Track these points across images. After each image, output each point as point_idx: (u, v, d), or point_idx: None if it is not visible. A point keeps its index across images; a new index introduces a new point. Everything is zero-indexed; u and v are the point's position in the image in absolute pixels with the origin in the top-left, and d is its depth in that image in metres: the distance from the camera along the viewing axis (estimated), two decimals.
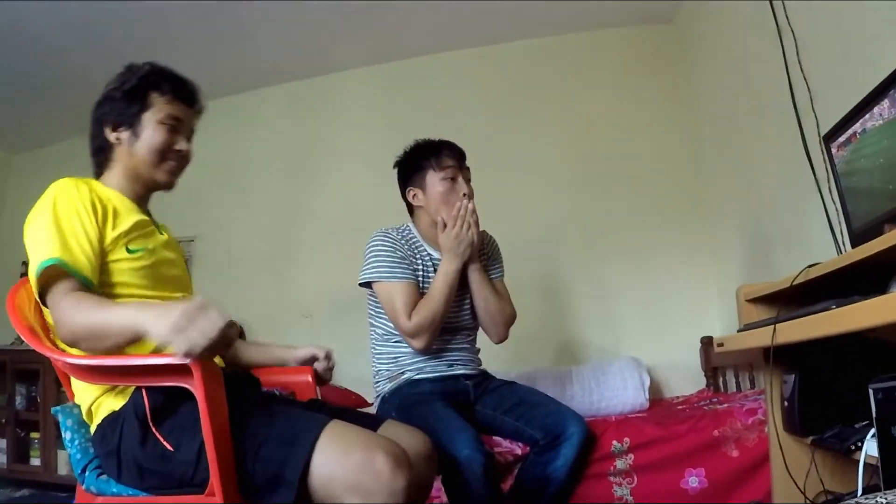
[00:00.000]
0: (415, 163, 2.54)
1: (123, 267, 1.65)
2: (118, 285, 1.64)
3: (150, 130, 1.75)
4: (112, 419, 1.57)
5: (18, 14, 3.63)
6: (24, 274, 1.72)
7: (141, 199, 1.82)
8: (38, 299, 1.56)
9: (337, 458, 1.39)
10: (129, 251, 1.66)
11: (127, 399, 1.57)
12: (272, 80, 4.80)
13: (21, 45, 3.94)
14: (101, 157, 1.80)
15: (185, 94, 1.82)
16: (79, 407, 1.70)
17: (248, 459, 1.42)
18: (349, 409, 1.90)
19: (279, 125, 4.82)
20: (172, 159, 1.80)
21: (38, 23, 3.74)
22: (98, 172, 1.81)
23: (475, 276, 2.51)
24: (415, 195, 2.55)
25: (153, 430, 1.50)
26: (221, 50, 4.29)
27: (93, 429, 1.63)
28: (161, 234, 1.86)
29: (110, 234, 1.64)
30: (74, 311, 1.46)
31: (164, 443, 1.48)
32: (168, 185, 1.83)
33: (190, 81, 1.85)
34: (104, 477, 1.61)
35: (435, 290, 2.40)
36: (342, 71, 4.71)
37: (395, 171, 2.62)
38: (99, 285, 1.58)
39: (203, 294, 2.06)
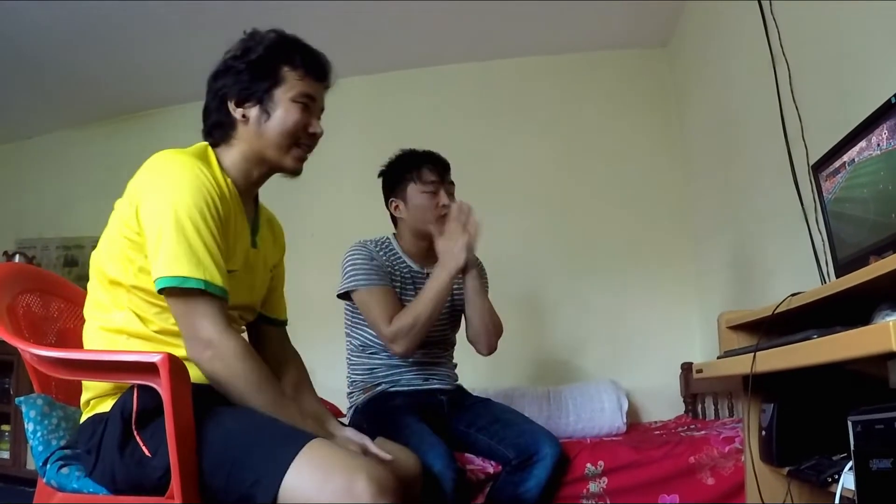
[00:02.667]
0: (397, 174, 2.54)
1: None
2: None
3: (283, 110, 1.63)
4: (101, 417, 1.52)
5: (9, 5, 3.60)
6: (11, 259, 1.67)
7: (255, 184, 1.74)
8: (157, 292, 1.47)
9: (314, 481, 1.29)
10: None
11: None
12: None
13: (10, 35, 3.90)
14: (219, 133, 1.67)
15: (317, 70, 1.69)
16: (43, 398, 1.66)
17: (220, 475, 1.36)
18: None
19: None
20: (305, 142, 1.70)
21: (28, 14, 3.71)
22: (214, 143, 1.68)
23: (472, 284, 2.46)
24: (396, 206, 2.55)
25: (134, 432, 1.44)
26: (212, 52, 4.25)
27: (83, 419, 1.59)
28: (255, 245, 1.76)
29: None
30: (243, 373, 1.46)
31: (143, 447, 1.42)
32: (295, 172, 1.73)
33: (322, 54, 1.72)
34: (65, 471, 1.57)
35: (423, 294, 2.35)
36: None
37: (380, 180, 2.61)
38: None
39: None
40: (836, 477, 1.57)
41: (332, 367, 3.04)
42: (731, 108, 3.35)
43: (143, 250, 1.48)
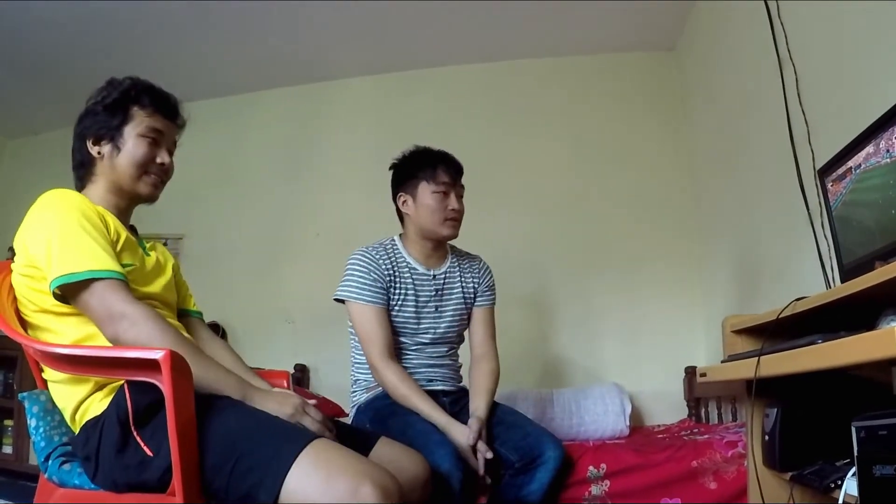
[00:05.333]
0: (410, 170, 2.51)
1: None
2: None
3: (132, 143, 1.75)
4: (94, 423, 1.53)
5: (18, 2, 3.62)
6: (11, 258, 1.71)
7: (123, 213, 1.81)
8: (59, 299, 1.56)
9: (317, 484, 1.28)
10: (121, 265, 1.62)
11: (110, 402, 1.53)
12: (270, 84, 4.78)
13: (22, 31, 3.92)
14: (82, 172, 1.80)
15: (166, 108, 1.82)
16: (46, 394, 1.66)
17: (222, 474, 1.35)
18: (340, 424, 1.83)
19: (274, 129, 4.80)
20: (154, 172, 1.79)
21: (40, 10, 3.72)
22: (80, 186, 1.80)
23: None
24: (405, 202, 2.52)
25: (134, 433, 1.44)
26: (221, 50, 4.29)
27: (76, 431, 1.60)
28: (148, 254, 1.84)
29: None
30: (159, 333, 1.51)
31: (145, 447, 1.42)
32: (151, 198, 1.83)
33: (171, 95, 1.85)
34: (66, 467, 1.58)
35: (416, 400, 2.30)
36: (340, 79, 4.70)
37: (391, 172, 2.58)
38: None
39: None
40: (839, 483, 1.56)
41: (335, 366, 3.05)
42: (738, 111, 3.34)
43: (43, 273, 1.57)
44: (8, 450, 4.11)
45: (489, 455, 2.17)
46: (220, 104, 4.76)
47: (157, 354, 1.32)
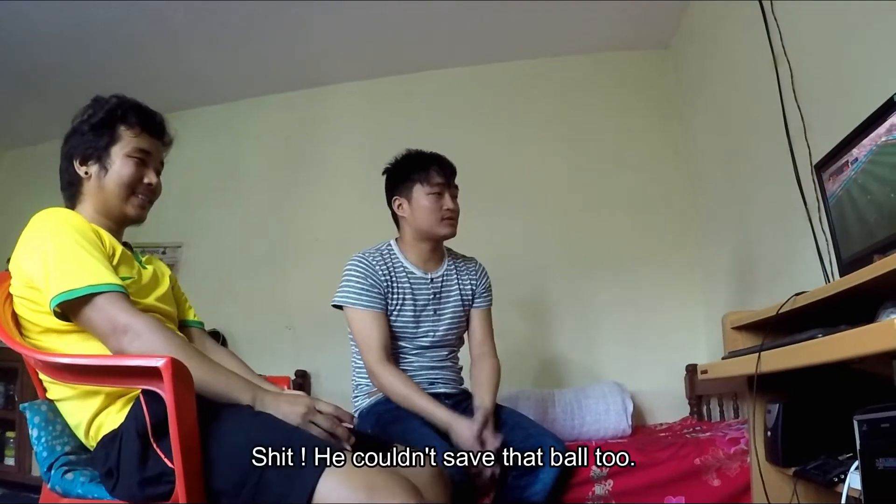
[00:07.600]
0: (403, 174, 2.52)
1: None
2: None
3: (119, 164, 1.75)
4: (111, 437, 1.53)
5: (15, 10, 3.61)
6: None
7: (114, 233, 1.80)
8: (59, 315, 1.55)
9: (345, 494, 1.28)
10: (121, 279, 1.62)
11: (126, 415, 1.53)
12: (265, 90, 4.77)
13: (16, 41, 3.91)
14: (71, 192, 1.79)
15: (153, 127, 1.82)
16: (47, 404, 1.66)
17: (248, 486, 1.34)
18: (355, 432, 1.82)
19: (270, 135, 4.79)
20: (142, 193, 1.79)
21: (35, 20, 3.72)
22: (69, 206, 1.79)
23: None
24: (400, 205, 2.52)
25: (154, 445, 1.43)
26: (217, 56, 4.28)
27: (92, 446, 1.60)
28: (144, 267, 1.84)
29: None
30: (164, 343, 1.50)
31: (165, 459, 1.41)
32: (138, 220, 1.83)
33: (157, 113, 1.85)
34: (69, 476, 1.57)
35: (417, 400, 2.29)
36: (336, 84, 4.70)
37: (384, 177, 2.59)
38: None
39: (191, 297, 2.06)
40: (843, 476, 1.56)
41: (336, 371, 3.04)
42: (734, 108, 3.35)
43: (43, 294, 1.57)
44: (10, 461, 4.11)
45: (498, 442, 2.17)
46: (216, 112, 4.76)
47: (158, 362, 1.32)
